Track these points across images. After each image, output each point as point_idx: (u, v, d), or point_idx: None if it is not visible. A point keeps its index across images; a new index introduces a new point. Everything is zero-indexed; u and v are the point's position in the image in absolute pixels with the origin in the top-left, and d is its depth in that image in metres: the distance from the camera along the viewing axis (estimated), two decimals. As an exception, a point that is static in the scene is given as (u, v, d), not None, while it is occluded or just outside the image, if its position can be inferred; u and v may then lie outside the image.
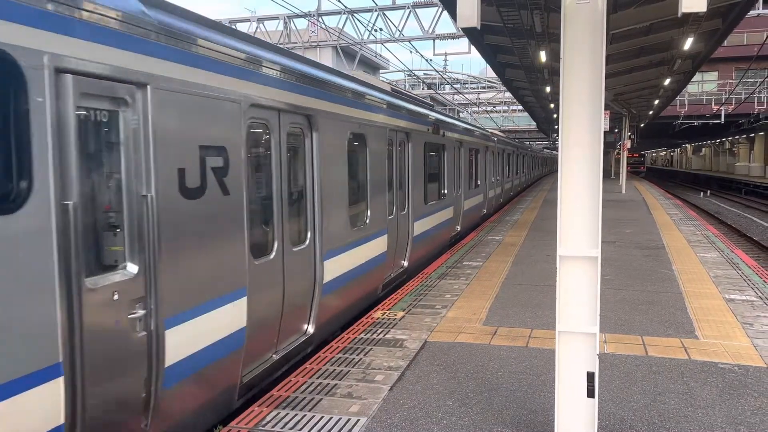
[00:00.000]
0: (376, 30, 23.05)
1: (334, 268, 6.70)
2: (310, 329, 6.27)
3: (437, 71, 31.89)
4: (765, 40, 19.22)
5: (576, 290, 3.80)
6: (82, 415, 3.29)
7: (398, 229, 9.46)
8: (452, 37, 22.60)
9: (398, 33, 22.78)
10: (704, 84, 48.25)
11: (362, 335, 6.38)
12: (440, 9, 21.25)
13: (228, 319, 4.63)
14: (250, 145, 5.07)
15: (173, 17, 4.20)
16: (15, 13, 2.91)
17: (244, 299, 4.81)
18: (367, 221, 7.86)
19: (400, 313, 7.21)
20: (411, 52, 24.29)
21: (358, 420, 4.41)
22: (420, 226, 10.69)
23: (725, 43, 20.42)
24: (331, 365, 5.51)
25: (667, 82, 22.18)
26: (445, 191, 12.99)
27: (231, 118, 4.66)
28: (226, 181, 4.56)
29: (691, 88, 44.15)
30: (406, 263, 10.02)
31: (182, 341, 4.11)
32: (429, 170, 11.54)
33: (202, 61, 4.33)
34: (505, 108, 55.52)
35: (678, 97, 37.09)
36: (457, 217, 14.51)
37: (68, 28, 3.21)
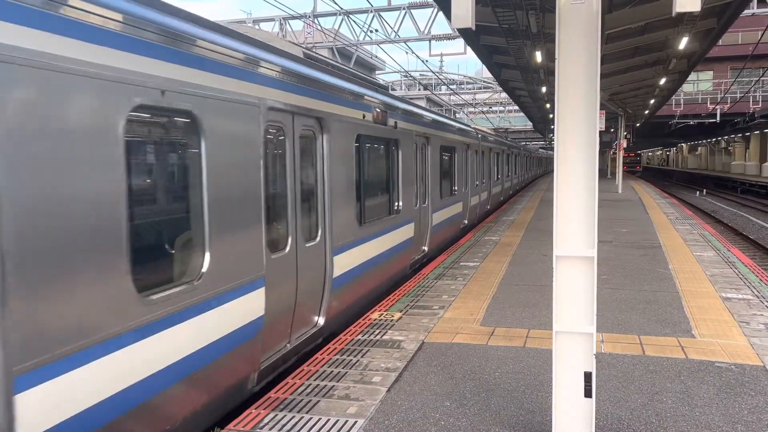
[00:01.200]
0: (371, 31, 23.07)
1: (106, 381, 3.53)
2: None
3: (433, 72, 31.94)
4: (760, 40, 19.28)
5: (572, 290, 3.80)
6: None
7: (299, 273, 6.10)
8: (448, 37, 22.62)
9: (394, 34, 22.79)
10: (699, 83, 48.41)
11: (359, 336, 6.37)
12: (436, 10, 21.26)
13: None
14: None
15: None
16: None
17: None
18: (204, 272, 4.45)
19: (398, 314, 7.21)
20: (407, 53, 24.30)
21: (356, 422, 4.40)
22: (349, 259, 7.35)
23: (720, 42, 20.48)
24: (329, 367, 5.50)
25: (662, 81, 22.27)
26: (400, 204, 9.72)
27: None
28: None
29: (686, 87, 44.35)
30: (320, 320, 6.72)
31: None
32: (368, 176, 8.36)
33: None
34: (501, 108, 55.62)
35: (673, 97, 37.23)
36: (422, 236, 11.48)
37: None
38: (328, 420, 4.43)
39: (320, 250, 6.63)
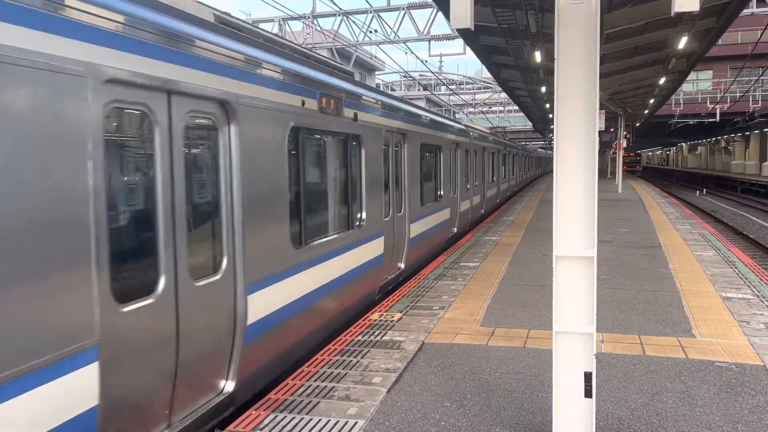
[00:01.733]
0: (371, 31, 23.07)
1: None
2: None
3: (432, 72, 31.93)
4: (759, 39, 19.28)
5: (572, 290, 3.80)
6: None
7: (181, 327, 4.21)
8: (447, 38, 22.64)
9: (393, 34, 22.79)
10: (699, 83, 48.41)
11: (360, 337, 6.37)
12: (435, 10, 21.28)
13: None
14: None
15: None
16: None
17: None
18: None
19: (398, 315, 7.20)
20: (406, 53, 24.34)
21: (356, 423, 4.40)
22: (277, 296, 5.48)
23: (719, 42, 20.49)
24: (329, 368, 5.50)
25: (662, 81, 22.27)
26: (363, 215, 7.92)
27: None
28: None
29: (686, 87, 44.36)
30: (228, 385, 4.89)
31: None
32: (313, 182, 6.70)
33: None
34: (501, 108, 55.66)
35: (673, 96, 37.24)
36: (397, 251, 9.68)
37: None
38: (329, 421, 4.43)
39: (225, 287, 4.73)
